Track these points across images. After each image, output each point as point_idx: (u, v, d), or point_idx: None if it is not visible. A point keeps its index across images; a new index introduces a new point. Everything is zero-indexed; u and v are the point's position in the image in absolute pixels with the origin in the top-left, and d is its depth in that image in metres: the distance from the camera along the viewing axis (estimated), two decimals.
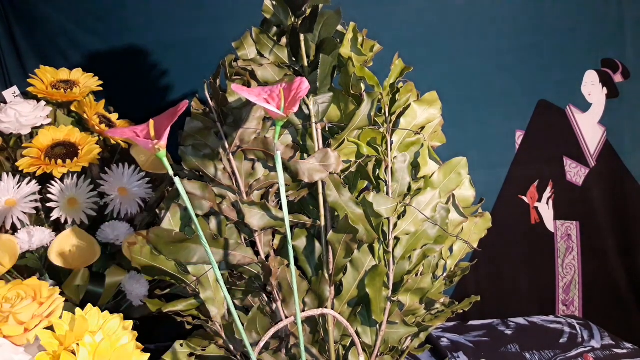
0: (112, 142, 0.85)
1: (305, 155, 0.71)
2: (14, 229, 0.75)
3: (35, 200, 0.76)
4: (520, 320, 1.17)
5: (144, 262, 0.66)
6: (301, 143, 0.72)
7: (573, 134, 1.23)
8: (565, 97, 1.21)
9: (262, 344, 0.62)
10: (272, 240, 0.72)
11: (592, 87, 1.21)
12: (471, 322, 1.16)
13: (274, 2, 0.73)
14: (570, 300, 1.27)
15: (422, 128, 0.74)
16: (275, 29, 0.76)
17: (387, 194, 0.70)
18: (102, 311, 0.60)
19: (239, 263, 0.68)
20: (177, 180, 0.54)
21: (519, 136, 1.22)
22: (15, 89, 0.91)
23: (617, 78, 1.21)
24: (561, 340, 1.07)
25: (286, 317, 0.69)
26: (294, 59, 0.74)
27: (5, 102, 0.86)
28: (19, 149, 0.80)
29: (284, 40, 0.75)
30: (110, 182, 0.80)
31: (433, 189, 0.71)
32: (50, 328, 0.56)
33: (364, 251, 0.69)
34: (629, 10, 1.18)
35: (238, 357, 0.71)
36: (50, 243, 0.75)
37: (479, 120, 1.19)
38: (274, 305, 0.70)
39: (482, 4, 1.15)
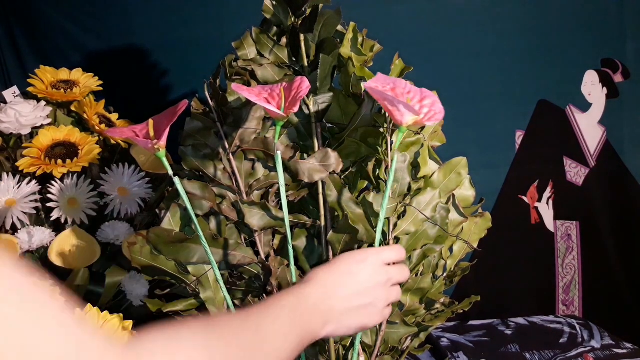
0: (112, 142, 0.85)
1: (305, 155, 0.71)
2: (14, 229, 0.75)
3: (35, 200, 0.76)
4: (520, 320, 1.17)
5: (144, 262, 0.66)
6: (301, 143, 0.72)
7: (573, 134, 1.23)
8: (565, 97, 1.21)
9: None
10: (272, 240, 0.72)
11: (592, 87, 1.21)
12: (471, 322, 1.16)
13: (274, 2, 0.73)
14: (570, 300, 1.27)
15: (422, 128, 0.74)
16: (275, 29, 0.76)
17: None
18: (102, 311, 0.60)
19: (239, 263, 0.68)
20: (177, 180, 0.54)
21: (519, 136, 1.22)
22: (15, 89, 0.91)
23: (617, 78, 1.21)
24: (561, 340, 1.07)
25: None
26: (294, 59, 0.74)
27: (5, 102, 0.86)
28: (19, 149, 0.80)
29: (284, 40, 0.75)
30: (110, 182, 0.80)
31: (433, 189, 0.71)
32: None
33: None
34: (629, 10, 1.18)
35: None
36: (50, 243, 0.75)
37: (479, 120, 1.19)
38: None
39: (482, 4, 1.15)
